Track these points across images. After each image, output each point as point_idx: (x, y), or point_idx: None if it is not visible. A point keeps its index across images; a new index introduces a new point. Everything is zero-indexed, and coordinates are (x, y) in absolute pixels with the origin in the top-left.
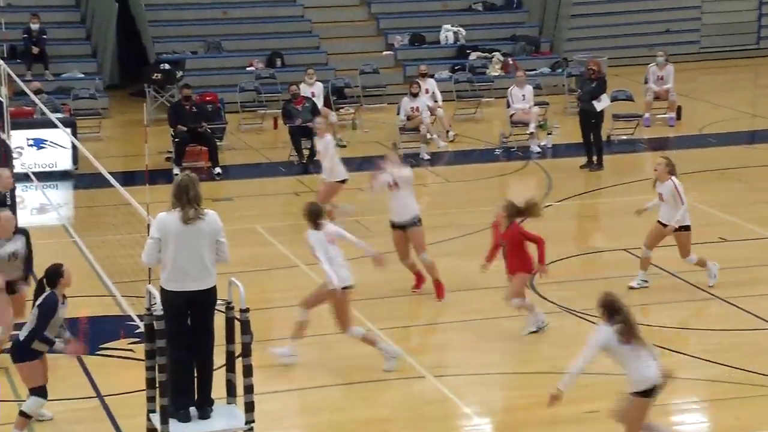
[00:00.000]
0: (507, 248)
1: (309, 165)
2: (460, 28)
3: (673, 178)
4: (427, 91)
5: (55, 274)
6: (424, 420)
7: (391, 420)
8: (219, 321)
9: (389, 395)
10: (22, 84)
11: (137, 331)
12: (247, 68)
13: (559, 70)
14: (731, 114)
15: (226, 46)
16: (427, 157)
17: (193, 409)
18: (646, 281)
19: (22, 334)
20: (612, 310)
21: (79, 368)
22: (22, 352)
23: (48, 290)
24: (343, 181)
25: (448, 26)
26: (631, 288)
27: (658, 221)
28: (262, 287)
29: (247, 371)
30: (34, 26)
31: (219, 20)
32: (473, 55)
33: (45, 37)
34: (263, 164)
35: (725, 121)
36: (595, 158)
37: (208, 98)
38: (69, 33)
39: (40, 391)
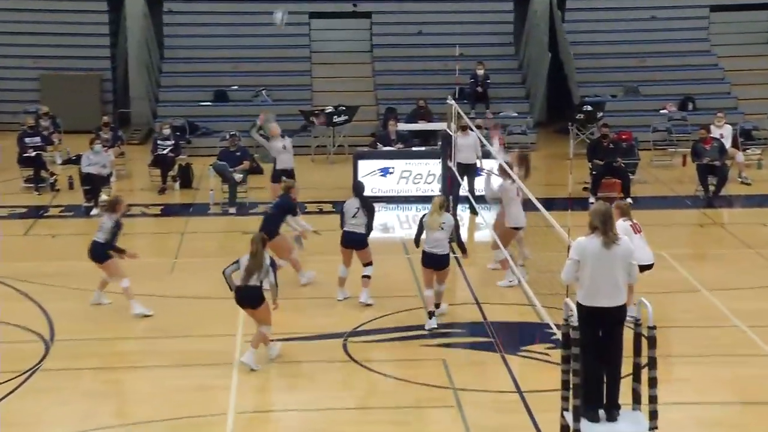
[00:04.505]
0: None
1: (714, 200)
2: None
3: None
4: None
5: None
6: None
7: None
8: (627, 334)
9: None
10: (467, 120)
11: (554, 337)
12: (661, 111)
13: None
14: None
15: (642, 91)
16: None
17: (601, 411)
18: None
19: None
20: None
21: (503, 365)
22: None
23: None
24: None
25: None
26: None
27: None
28: (665, 307)
29: (652, 382)
30: (480, 72)
31: (637, 68)
32: None
33: (488, 81)
34: (671, 197)
35: None
36: None
37: (623, 136)
38: (508, 78)
39: None
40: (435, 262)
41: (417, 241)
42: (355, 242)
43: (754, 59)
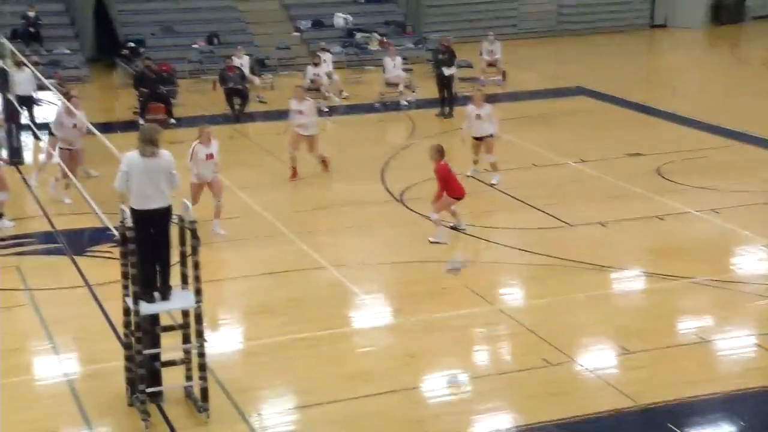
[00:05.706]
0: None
1: (239, 117)
2: (349, 15)
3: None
4: (325, 62)
5: None
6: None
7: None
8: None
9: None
10: (22, 57)
11: (114, 237)
12: (193, 45)
13: (420, 46)
14: (539, 77)
15: (177, 29)
16: (326, 110)
17: (156, 294)
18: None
19: None
20: None
21: (73, 265)
22: None
23: None
24: None
25: (340, 14)
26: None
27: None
28: (203, 205)
29: (196, 265)
30: (31, 14)
31: (172, 9)
32: (358, 35)
33: (40, 22)
34: (206, 116)
35: (536, 81)
36: (447, 109)
37: (164, 68)
38: (58, 19)
39: None
40: None
41: None
42: None
43: (262, 2)
